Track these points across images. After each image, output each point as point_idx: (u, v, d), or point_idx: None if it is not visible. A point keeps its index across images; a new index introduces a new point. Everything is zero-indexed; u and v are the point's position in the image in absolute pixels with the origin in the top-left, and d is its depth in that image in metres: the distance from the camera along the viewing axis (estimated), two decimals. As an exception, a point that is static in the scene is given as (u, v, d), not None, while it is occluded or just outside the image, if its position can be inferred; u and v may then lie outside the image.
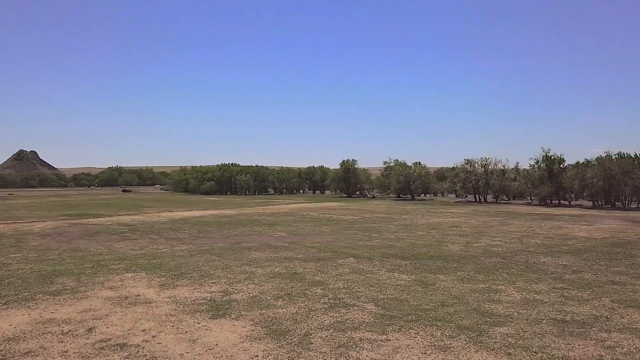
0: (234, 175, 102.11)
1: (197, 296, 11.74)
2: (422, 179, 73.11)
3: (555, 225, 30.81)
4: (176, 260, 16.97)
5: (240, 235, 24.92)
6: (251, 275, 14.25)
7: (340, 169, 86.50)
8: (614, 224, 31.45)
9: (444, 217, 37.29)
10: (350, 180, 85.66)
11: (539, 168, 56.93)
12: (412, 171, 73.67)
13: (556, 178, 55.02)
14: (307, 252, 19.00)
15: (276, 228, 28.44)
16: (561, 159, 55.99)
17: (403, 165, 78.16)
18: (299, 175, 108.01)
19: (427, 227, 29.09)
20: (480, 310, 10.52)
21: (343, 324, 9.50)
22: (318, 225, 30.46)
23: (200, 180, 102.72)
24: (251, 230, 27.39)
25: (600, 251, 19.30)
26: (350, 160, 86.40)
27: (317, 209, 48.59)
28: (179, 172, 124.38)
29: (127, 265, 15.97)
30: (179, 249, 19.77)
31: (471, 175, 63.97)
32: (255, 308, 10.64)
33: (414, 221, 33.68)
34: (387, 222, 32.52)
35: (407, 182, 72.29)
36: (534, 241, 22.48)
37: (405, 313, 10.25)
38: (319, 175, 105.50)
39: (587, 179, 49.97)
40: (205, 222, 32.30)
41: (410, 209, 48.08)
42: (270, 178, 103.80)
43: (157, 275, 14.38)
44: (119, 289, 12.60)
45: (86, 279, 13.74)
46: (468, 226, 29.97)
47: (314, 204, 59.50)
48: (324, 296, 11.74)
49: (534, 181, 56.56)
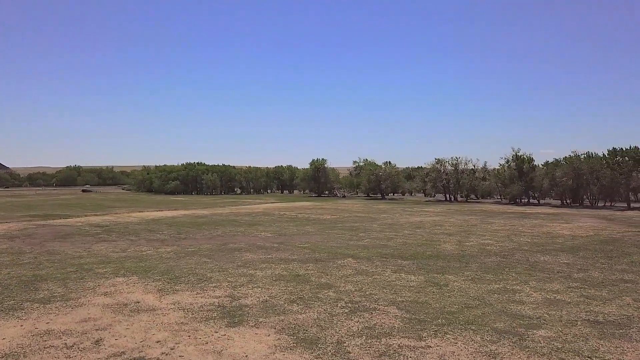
0: (199, 174, 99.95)
1: (202, 302, 10.89)
2: (392, 178, 73.28)
3: (536, 223, 31.09)
4: (166, 263, 15.97)
5: (223, 236, 23.96)
6: (252, 278, 13.46)
7: (310, 169, 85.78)
8: (591, 222, 32.00)
9: (423, 216, 37.19)
10: (320, 179, 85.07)
11: (509, 167, 57.84)
12: (382, 171, 73.74)
13: (526, 177, 56.00)
14: (300, 252, 18.29)
15: (258, 228, 27.58)
16: (530, 158, 57.11)
17: (373, 164, 78.17)
18: (266, 174, 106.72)
19: (411, 226, 28.81)
20: (507, 311, 10.10)
21: (373, 329, 8.88)
22: (300, 225, 29.75)
23: (165, 179, 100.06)
24: (233, 230, 26.44)
25: (593, 249, 19.35)
26: (320, 160, 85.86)
27: (292, 208, 47.82)
28: (141, 171, 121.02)
29: (114, 269, 14.88)
30: (164, 251, 18.72)
31: (442, 174, 64.47)
32: (271, 314, 9.90)
33: (395, 220, 33.39)
34: (369, 222, 32.11)
35: (377, 182, 72.32)
36: (523, 240, 22.45)
37: (432, 316, 9.71)
38: (287, 174, 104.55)
39: (557, 178, 51.02)
40: (181, 223, 31.10)
41: (386, 208, 47.91)
42: (237, 177, 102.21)
43: (150, 279, 13.40)
44: (114, 295, 11.59)
45: (74, 285, 12.64)
46: (451, 225, 29.87)
47: (287, 203, 58.68)
48: (339, 300, 11.10)
49: (505, 180, 57.43)
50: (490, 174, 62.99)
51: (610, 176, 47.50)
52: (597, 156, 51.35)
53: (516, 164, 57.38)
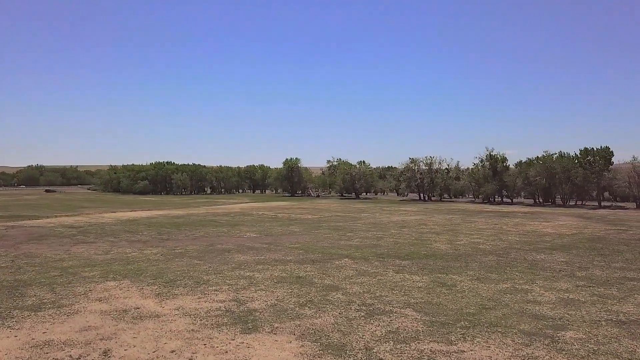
0: (169, 174, 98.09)
1: (207, 307, 10.27)
2: (367, 178, 73.34)
3: (517, 222, 31.36)
4: (155, 266, 15.20)
5: (207, 236, 23.21)
6: (253, 281, 12.88)
7: (284, 168, 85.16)
8: (570, 221, 32.50)
9: (404, 216, 37.12)
10: (293, 179, 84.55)
11: (483, 167, 58.53)
12: (357, 170, 73.72)
13: (499, 176, 56.76)
14: (294, 253, 17.77)
15: (241, 228, 26.89)
16: (504, 158, 57.97)
17: (347, 164, 78.09)
18: (238, 174, 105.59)
19: (396, 226, 28.61)
20: (527, 312, 9.85)
21: (398, 333, 8.46)
22: (284, 225, 29.18)
23: (133, 179, 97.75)
24: (216, 231, 25.69)
25: (584, 247, 19.48)
26: (294, 159, 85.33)
27: (269, 208, 47.14)
28: (108, 171, 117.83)
29: (102, 272, 14.05)
30: (150, 253, 17.90)
31: (416, 174, 64.82)
32: (285, 319, 9.37)
33: (377, 219, 33.17)
34: (352, 221, 31.79)
35: (352, 181, 72.24)
36: (512, 238, 22.50)
37: (453, 319, 9.36)
38: (259, 174, 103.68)
39: (531, 177, 51.86)
40: (159, 223, 30.10)
41: (364, 207, 47.73)
42: (208, 177, 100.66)
43: (144, 283, 12.65)
44: (110, 300, 10.84)
45: (63, 290, 11.80)
46: (435, 224, 29.82)
47: (262, 203, 57.92)
48: (351, 302, 10.65)
49: (479, 179, 58.07)
50: (464, 174, 63.65)
51: (582, 175, 48.55)
52: (569, 156, 52.46)
53: (490, 163, 58.12)
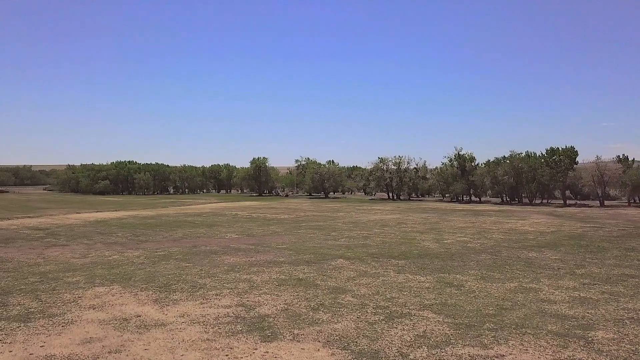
0: (131, 173, 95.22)
1: (214, 313, 9.61)
2: (335, 177, 73.17)
3: (494, 220, 31.68)
4: (142, 269, 14.35)
5: (187, 238, 22.33)
6: (252, 284, 12.26)
7: (251, 167, 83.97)
8: (543, 219, 33.08)
9: (380, 215, 36.99)
10: (261, 178, 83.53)
11: (451, 166, 59.23)
12: (326, 169, 73.45)
13: (468, 175, 57.56)
14: (284, 254, 17.20)
15: (220, 229, 26.06)
16: (472, 157, 58.85)
17: (316, 163, 77.67)
18: (202, 173, 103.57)
19: (376, 225, 28.37)
20: (547, 312, 9.65)
21: (427, 338, 8.06)
22: (262, 225, 28.50)
23: (93, 179, 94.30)
24: (193, 232, 24.80)
25: (569, 245, 19.68)
26: (262, 158, 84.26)
27: (241, 208, 46.23)
28: (66, 170, 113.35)
29: (86, 277, 13.11)
30: (132, 255, 16.97)
31: (385, 173, 65.08)
32: (303, 324, 8.83)
33: (355, 219, 32.89)
34: (331, 220, 31.39)
35: (321, 181, 71.91)
36: (496, 236, 22.58)
37: (476, 320, 9.05)
38: (225, 173, 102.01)
39: (499, 176, 52.78)
40: (131, 224, 28.88)
41: (336, 207, 47.45)
42: (172, 177, 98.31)
43: (136, 288, 11.84)
44: (105, 308, 10.02)
45: (49, 298, 10.88)
46: (415, 223, 29.75)
47: (231, 203, 56.86)
48: (364, 305, 10.20)
49: (448, 178, 58.73)
50: (433, 173, 64.33)
51: (549, 174, 49.73)
52: (535, 155, 53.69)
53: (458, 162, 58.86)
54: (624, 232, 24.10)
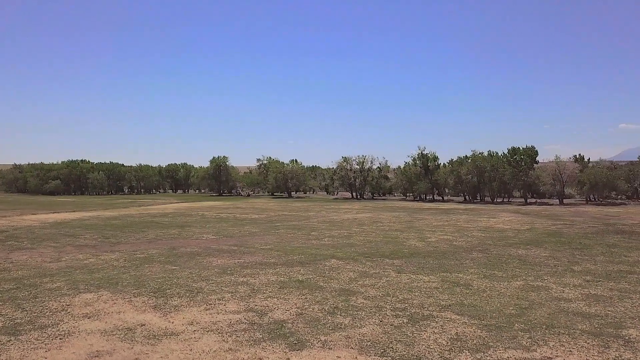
0: (84, 173, 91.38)
1: (224, 319, 8.91)
2: (299, 176, 72.52)
3: (466, 219, 31.94)
4: (127, 273, 13.37)
5: (162, 239, 21.27)
6: (253, 287, 11.58)
7: (211, 166, 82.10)
8: (512, 217, 33.64)
9: (352, 214, 36.68)
10: (221, 178, 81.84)
11: (415, 165, 59.73)
12: (289, 169, 72.69)
13: (431, 175, 58.21)
14: (272, 255, 16.55)
15: (193, 230, 25.03)
16: (435, 156, 59.54)
17: (279, 163, 76.72)
18: (159, 173, 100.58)
19: (353, 224, 28.02)
20: (568, 310, 9.48)
21: (463, 341, 7.68)
22: (235, 225, 27.63)
23: (43, 179, 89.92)
24: (165, 233, 23.71)
25: (551, 242, 19.89)
26: (222, 157, 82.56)
27: (206, 208, 44.94)
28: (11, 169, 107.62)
29: (67, 283, 12.06)
30: (109, 259, 15.89)
31: (350, 172, 65.02)
32: (326, 330, 8.28)
33: (329, 218, 32.44)
34: (305, 220, 30.81)
35: (284, 180, 71.11)
36: (476, 234, 22.64)
37: (503, 321, 8.75)
38: (182, 173, 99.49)
39: (463, 175, 53.58)
40: (96, 225, 27.37)
41: (304, 206, 46.87)
42: (127, 176, 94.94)
43: (128, 294, 10.94)
44: (101, 316, 9.12)
45: (33, 307, 9.85)
46: (389, 221, 29.58)
47: (194, 203, 55.29)
48: (380, 307, 9.73)
49: (411, 178, 59.19)
50: (396, 172, 64.74)
51: (511, 173, 50.86)
52: (497, 155, 54.84)
53: (422, 162, 59.43)
54: (597, 229, 24.68)
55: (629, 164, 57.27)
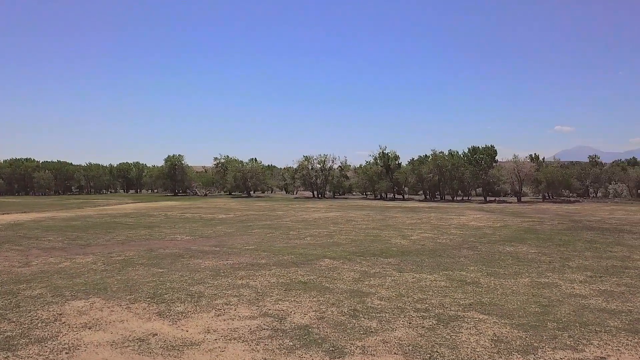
0: (29, 172, 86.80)
1: (242, 326, 8.25)
2: (259, 175, 71.48)
3: (436, 217, 32.16)
4: (112, 277, 12.38)
5: (134, 240, 20.13)
6: (256, 290, 10.92)
7: (166, 165, 79.74)
8: (480, 215, 34.18)
9: (321, 212, 36.26)
10: (177, 177, 79.63)
11: (376, 164, 60.00)
12: (249, 168, 71.50)
13: (392, 174, 58.62)
14: (260, 256, 15.88)
15: (163, 231, 23.91)
16: (396, 155, 60.01)
17: (238, 161, 75.32)
18: (110, 172, 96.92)
19: (327, 222, 27.59)
20: (590, 307, 9.38)
21: (507, 343, 7.36)
22: (205, 225, 26.66)
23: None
24: (136, 234, 22.52)
25: (531, 238, 20.14)
26: (177, 156, 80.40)
27: (166, 208, 43.41)
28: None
29: (49, 290, 10.99)
30: (85, 262, 14.76)
31: (311, 171, 64.63)
32: (358, 335, 7.79)
33: (300, 217, 31.89)
34: (277, 219, 30.14)
35: (244, 179, 69.89)
36: (456, 232, 22.70)
37: (533, 320, 8.52)
38: (134, 172, 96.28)
39: (424, 174, 54.21)
40: (56, 227, 25.72)
41: (268, 206, 46.10)
42: (76, 176, 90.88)
43: (123, 300, 10.05)
44: (103, 326, 8.25)
45: (21, 317, 8.83)
46: (362, 220, 29.35)
47: (151, 203, 53.41)
48: (401, 309, 9.31)
49: (372, 177, 59.41)
50: (357, 171, 64.87)
51: (471, 172, 51.87)
52: (458, 154, 55.85)
53: (383, 161, 59.77)
54: (567, 226, 25.30)
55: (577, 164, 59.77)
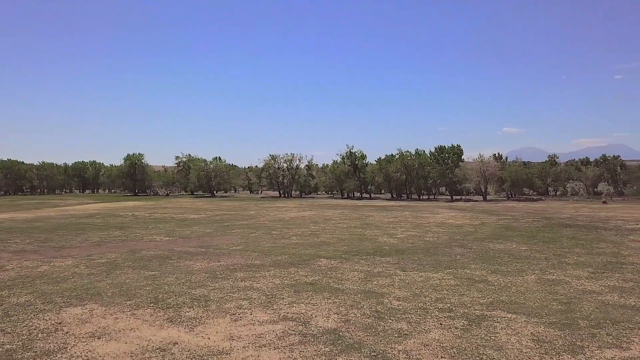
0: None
1: (266, 331, 7.73)
2: (223, 175, 70.13)
3: (412, 215, 32.23)
4: (103, 282, 11.53)
5: (110, 242, 19.10)
6: (264, 293, 10.37)
7: (126, 165, 77.16)
8: (454, 213, 34.51)
9: (296, 212, 35.75)
10: (137, 177, 77.21)
11: (343, 164, 59.90)
12: (213, 167, 70.04)
13: (359, 173, 58.65)
14: (251, 256, 15.30)
15: (138, 232, 22.86)
16: (363, 155, 60.04)
17: (201, 160, 73.64)
18: (65, 171, 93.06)
19: (307, 222, 27.13)
20: (610, 303, 9.36)
21: (550, 342, 7.15)
22: (181, 226, 25.73)
23: None
24: (109, 235, 21.44)
25: (516, 236, 20.33)
26: (137, 155, 77.97)
27: (131, 208, 41.86)
28: None
29: (38, 296, 10.08)
30: (66, 265, 13.77)
31: (278, 170, 63.93)
32: (395, 338, 7.40)
33: (276, 217, 31.30)
34: (252, 219, 29.45)
35: (208, 178, 68.41)
36: (439, 230, 22.71)
37: (562, 318, 8.37)
38: (90, 172, 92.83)
39: (391, 173, 54.47)
40: (19, 229, 24.19)
41: (237, 205, 45.19)
42: (28, 175, 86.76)
43: (124, 306, 9.30)
44: (113, 335, 7.54)
45: (16, 328, 7.99)
46: (340, 219, 29.05)
47: (113, 203, 51.46)
48: (425, 309, 9.00)
49: (340, 176, 59.28)
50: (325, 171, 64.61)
51: (438, 171, 52.47)
52: (425, 153, 56.41)
53: (350, 160, 59.74)
54: (543, 223, 25.78)
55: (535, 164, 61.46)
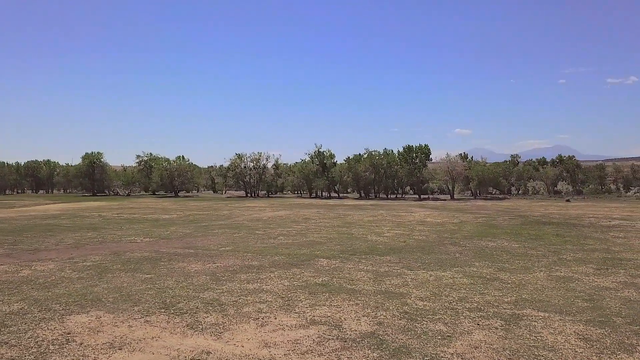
0: None
1: (301, 337, 7.26)
2: (187, 174, 68.48)
3: (388, 214, 32.21)
4: (97, 286, 10.73)
5: (88, 244, 18.07)
6: (280, 296, 9.86)
7: (84, 164, 74.24)
8: (429, 212, 34.71)
9: (271, 212, 35.12)
10: (96, 176, 74.44)
11: (312, 163, 59.55)
12: (176, 166, 68.27)
13: (328, 172, 58.44)
14: (246, 257, 14.73)
15: (114, 233, 21.81)
16: (332, 154, 59.91)
17: (164, 159, 71.66)
18: (17, 171, 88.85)
19: (287, 222, 26.62)
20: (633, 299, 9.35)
21: (599, 341, 7.01)
22: (156, 226, 24.76)
23: None
24: (84, 236, 20.33)
25: (501, 234, 20.50)
26: (96, 153, 75.20)
27: (95, 209, 40.19)
28: None
29: (31, 304, 9.22)
30: (49, 269, 12.80)
31: (245, 170, 62.95)
32: (439, 341, 7.08)
33: (253, 216, 30.62)
34: (228, 219, 28.69)
35: (171, 178, 66.64)
36: (423, 228, 22.68)
37: (595, 315, 8.25)
38: (45, 171, 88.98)
39: (360, 172, 54.50)
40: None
41: (206, 205, 44.11)
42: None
43: (134, 312, 8.60)
44: (135, 345, 6.89)
45: (19, 339, 7.20)
46: (319, 218, 28.68)
47: (74, 204, 49.37)
48: (453, 309, 8.73)
49: (309, 175, 58.90)
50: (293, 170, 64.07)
51: (407, 170, 52.85)
52: (392, 152, 56.73)
53: (319, 159, 59.45)
54: (521, 221, 26.21)
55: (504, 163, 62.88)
